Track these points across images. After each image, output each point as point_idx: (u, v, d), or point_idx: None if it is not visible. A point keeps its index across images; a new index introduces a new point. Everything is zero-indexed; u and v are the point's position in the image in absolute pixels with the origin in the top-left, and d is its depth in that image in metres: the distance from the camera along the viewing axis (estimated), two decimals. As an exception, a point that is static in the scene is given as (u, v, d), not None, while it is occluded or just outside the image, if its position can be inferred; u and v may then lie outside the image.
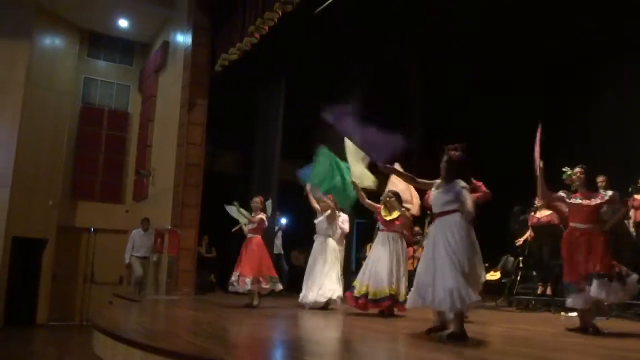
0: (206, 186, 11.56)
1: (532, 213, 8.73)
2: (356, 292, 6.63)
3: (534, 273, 9.03)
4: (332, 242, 8.06)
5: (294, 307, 7.83)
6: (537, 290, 8.66)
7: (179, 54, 12.78)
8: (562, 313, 7.58)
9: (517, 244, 9.18)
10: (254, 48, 10.46)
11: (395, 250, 6.67)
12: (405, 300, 5.90)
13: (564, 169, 5.65)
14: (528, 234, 8.89)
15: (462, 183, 4.58)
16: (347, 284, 9.92)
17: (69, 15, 14.32)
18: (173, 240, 10.83)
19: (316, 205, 8.04)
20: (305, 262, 8.19)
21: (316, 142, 8.34)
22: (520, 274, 9.17)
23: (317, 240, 8.09)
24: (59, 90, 14.28)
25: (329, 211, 7.94)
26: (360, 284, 6.63)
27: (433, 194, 4.77)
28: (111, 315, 6.78)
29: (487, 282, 9.62)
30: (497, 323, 6.48)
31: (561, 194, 5.56)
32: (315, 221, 8.17)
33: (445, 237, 4.44)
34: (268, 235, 10.73)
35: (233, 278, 7.59)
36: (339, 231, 8.67)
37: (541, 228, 8.50)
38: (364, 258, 10.57)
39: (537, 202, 8.71)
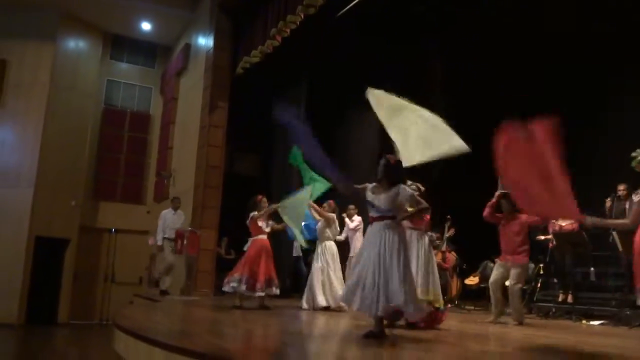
0: (226, 188, 11.63)
1: (554, 220, 8.64)
2: None
3: (555, 280, 8.94)
4: (331, 246, 8.20)
5: (309, 310, 7.85)
6: (558, 297, 8.57)
7: (200, 57, 12.88)
8: (584, 321, 7.50)
9: (539, 239, 9.05)
10: (276, 50, 10.50)
11: (422, 249, 6.11)
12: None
13: (634, 154, 5.04)
14: (550, 237, 8.80)
15: (408, 190, 4.73)
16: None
17: (93, 18, 14.52)
18: (193, 240, 10.89)
19: (317, 216, 8.24)
20: None
21: (338, 144, 8.32)
22: (540, 281, 9.09)
23: (319, 246, 8.25)
24: (82, 92, 14.48)
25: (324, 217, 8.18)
26: None
27: (370, 197, 4.73)
28: (132, 314, 6.84)
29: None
30: (517, 329, 6.42)
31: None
32: (317, 227, 8.34)
33: (379, 243, 4.50)
34: (287, 238, 10.74)
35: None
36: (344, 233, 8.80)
37: (563, 235, 8.42)
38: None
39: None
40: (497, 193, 7.06)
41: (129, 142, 15.55)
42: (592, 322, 7.28)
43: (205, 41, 12.74)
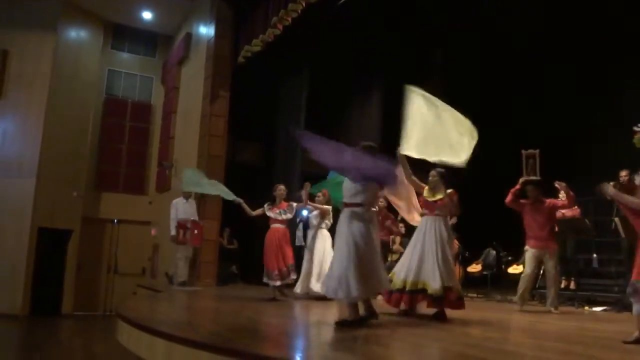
0: (228, 178, 11.59)
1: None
2: (392, 285, 5.55)
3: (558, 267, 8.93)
4: (323, 234, 8.16)
5: (310, 298, 7.84)
6: (561, 284, 8.56)
7: (201, 46, 12.83)
8: (586, 307, 7.51)
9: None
10: (277, 39, 10.45)
11: (439, 235, 5.61)
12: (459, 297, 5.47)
13: (636, 128, 4.51)
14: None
15: None
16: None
17: (94, 7, 14.49)
18: (196, 231, 10.89)
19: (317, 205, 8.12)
20: None
21: (339, 132, 8.21)
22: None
23: (310, 234, 8.28)
24: (83, 82, 14.45)
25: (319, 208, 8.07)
26: (398, 276, 5.64)
27: (345, 183, 4.93)
28: (135, 305, 6.86)
29: (510, 275, 9.66)
30: (520, 316, 6.43)
31: None
32: (309, 216, 8.44)
33: (348, 229, 4.65)
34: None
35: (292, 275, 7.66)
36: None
37: (565, 222, 8.39)
38: (387, 251, 10.55)
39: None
40: (521, 179, 7.00)
41: (131, 132, 15.54)
42: (594, 308, 7.30)
43: (206, 30, 12.69)
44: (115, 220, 14.75)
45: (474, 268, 10.63)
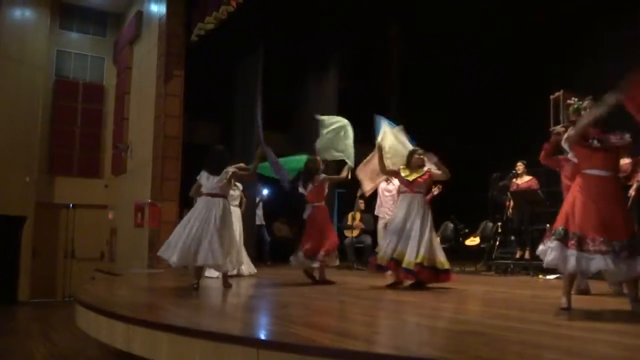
0: (186, 159, 11.46)
1: (513, 179, 8.84)
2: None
3: (513, 238, 9.17)
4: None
5: (276, 277, 7.86)
6: (516, 254, 8.80)
7: (153, 24, 12.54)
8: (540, 276, 7.74)
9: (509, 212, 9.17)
10: (231, 17, 10.29)
11: (419, 213, 6.09)
12: (446, 269, 6.01)
13: (570, 101, 4.63)
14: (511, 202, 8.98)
15: (231, 170, 6.31)
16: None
17: (38, -15, 13.97)
18: (153, 213, 10.76)
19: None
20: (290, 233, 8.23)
21: (295, 111, 8.20)
22: (499, 239, 9.32)
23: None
24: (31, 63, 13.93)
25: None
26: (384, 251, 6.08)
27: (205, 177, 6.41)
28: (93, 289, 6.77)
29: (467, 247, 9.85)
30: (477, 286, 6.58)
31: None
32: None
33: (213, 214, 6.16)
34: (249, 206, 10.63)
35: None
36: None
37: (520, 194, 8.61)
38: (346, 227, 10.65)
39: (517, 169, 8.83)
40: (560, 128, 6.44)
41: (83, 114, 15.12)
42: (548, 277, 7.51)
43: (157, 8, 12.40)
44: (71, 205, 14.44)
45: (472, 241, 10.77)
